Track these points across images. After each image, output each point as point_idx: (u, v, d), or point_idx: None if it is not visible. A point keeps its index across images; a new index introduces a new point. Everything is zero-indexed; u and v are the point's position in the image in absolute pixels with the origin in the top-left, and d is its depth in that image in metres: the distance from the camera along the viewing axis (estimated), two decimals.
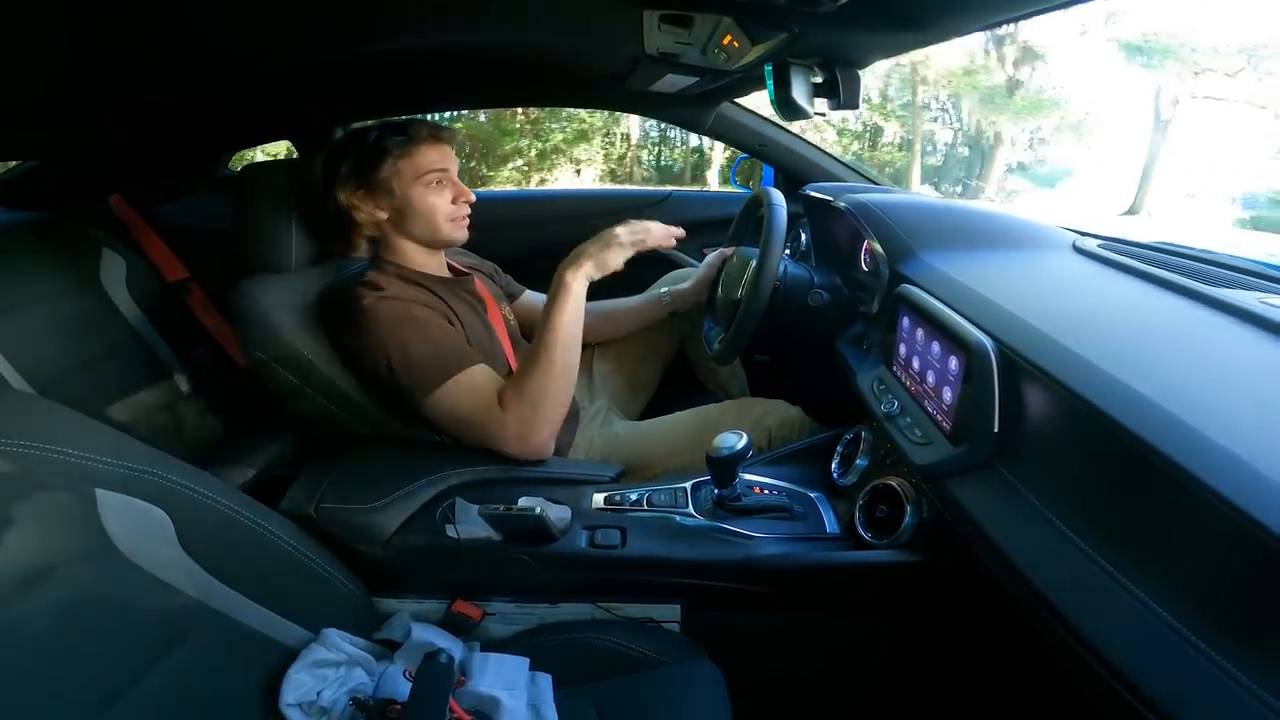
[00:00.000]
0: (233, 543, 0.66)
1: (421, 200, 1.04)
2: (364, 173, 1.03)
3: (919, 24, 0.74)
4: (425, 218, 1.05)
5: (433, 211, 1.05)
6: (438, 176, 1.05)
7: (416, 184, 1.04)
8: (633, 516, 0.92)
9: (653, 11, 0.77)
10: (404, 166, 1.03)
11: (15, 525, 0.51)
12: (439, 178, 1.05)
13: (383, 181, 1.03)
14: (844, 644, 0.93)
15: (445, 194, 1.06)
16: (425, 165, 1.04)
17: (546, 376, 0.96)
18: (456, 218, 1.08)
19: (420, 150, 1.04)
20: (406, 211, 1.05)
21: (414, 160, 1.03)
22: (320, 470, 0.93)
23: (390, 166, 1.03)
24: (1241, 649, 0.39)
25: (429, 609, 0.88)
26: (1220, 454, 0.42)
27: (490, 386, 0.97)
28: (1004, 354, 0.64)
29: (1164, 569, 0.45)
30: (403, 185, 1.03)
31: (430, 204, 1.05)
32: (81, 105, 0.92)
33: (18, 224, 1.25)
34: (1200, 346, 0.61)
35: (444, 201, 1.06)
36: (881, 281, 0.98)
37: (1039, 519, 0.56)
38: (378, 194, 1.04)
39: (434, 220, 1.06)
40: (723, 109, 1.48)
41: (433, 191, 1.05)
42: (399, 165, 1.03)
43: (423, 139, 1.04)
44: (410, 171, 1.03)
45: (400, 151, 1.03)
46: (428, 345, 0.96)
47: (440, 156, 1.05)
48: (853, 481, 0.96)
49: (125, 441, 0.62)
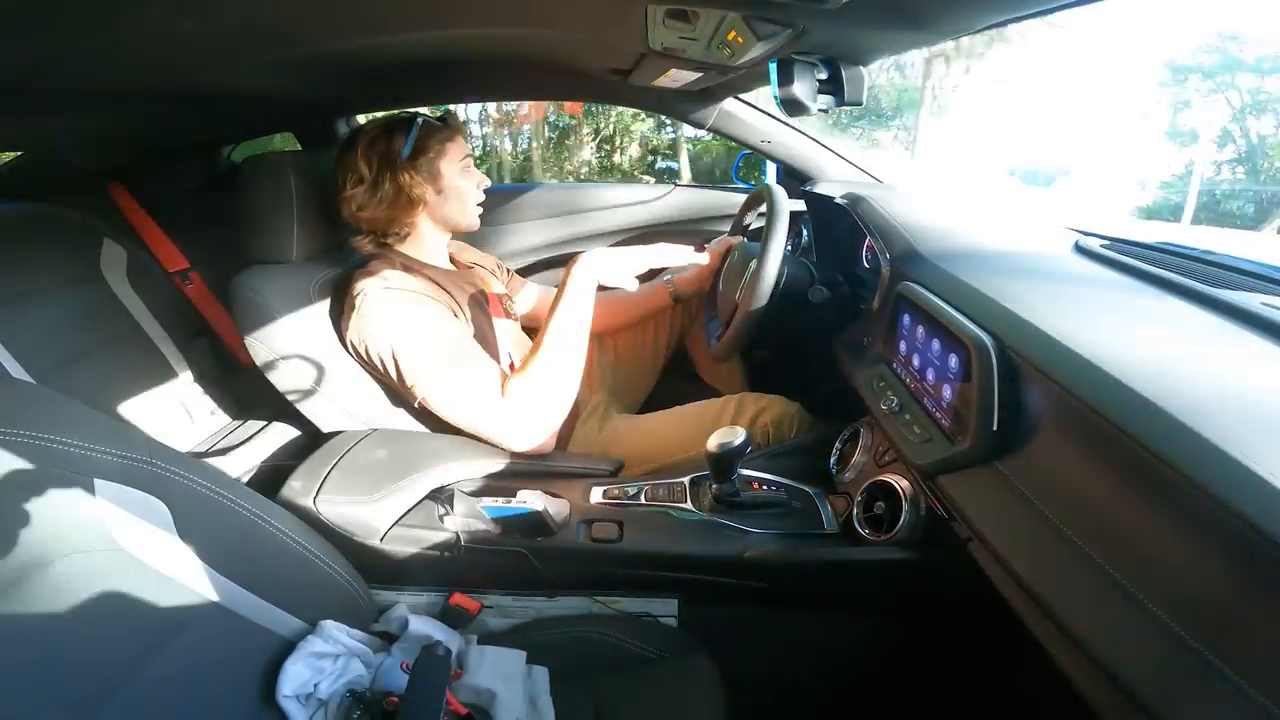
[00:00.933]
0: (231, 534, 0.67)
1: (461, 183, 1.12)
2: (418, 154, 1.08)
3: (924, 21, 0.74)
4: (461, 199, 1.13)
5: (467, 194, 1.13)
6: (469, 161, 1.14)
7: (456, 167, 1.11)
8: (631, 511, 0.92)
9: (657, 6, 0.76)
10: (449, 150, 1.10)
11: (13, 515, 0.51)
12: (470, 163, 1.14)
13: (432, 163, 1.09)
14: (840, 640, 0.93)
15: (474, 179, 1.14)
16: (460, 152, 1.12)
17: (548, 373, 0.97)
18: (480, 202, 1.16)
19: (456, 140, 1.12)
20: (448, 193, 1.11)
21: (456, 146, 1.12)
22: (319, 462, 0.93)
23: (438, 148, 1.09)
24: (1237, 651, 0.39)
25: (427, 601, 0.89)
26: (1219, 457, 0.42)
27: (492, 380, 0.97)
28: (1004, 353, 0.64)
29: (1160, 570, 0.45)
30: (448, 167, 1.10)
31: (467, 187, 1.13)
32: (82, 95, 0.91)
33: (18, 214, 1.25)
34: (1201, 348, 0.61)
35: (473, 186, 1.14)
36: (882, 279, 0.98)
37: (1036, 518, 0.56)
38: (427, 175, 1.10)
39: (467, 203, 1.14)
40: (726, 105, 1.48)
41: (469, 176, 1.13)
42: (446, 148, 1.10)
43: (457, 128, 1.14)
44: (455, 155, 1.11)
45: (445, 135, 1.10)
46: (430, 337, 0.96)
47: (465, 147, 1.14)
48: (851, 478, 0.96)
49: (125, 431, 0.62)
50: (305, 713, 0.64)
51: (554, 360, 0.99)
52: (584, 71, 1.27)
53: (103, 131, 1.22)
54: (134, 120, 1.17)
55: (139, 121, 1.19)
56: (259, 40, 0.83)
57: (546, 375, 0.98)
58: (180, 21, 0.68)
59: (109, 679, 0.53)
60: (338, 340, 1.02)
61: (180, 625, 0.59)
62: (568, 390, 1.01)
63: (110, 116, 1.11)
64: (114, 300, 1.27)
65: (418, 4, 0.81)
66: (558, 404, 1.00)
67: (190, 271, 1.44)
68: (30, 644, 0.50)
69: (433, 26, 0.90)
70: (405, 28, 0.88)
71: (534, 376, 0.97)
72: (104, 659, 0.54)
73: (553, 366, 0.98)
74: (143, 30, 0.70)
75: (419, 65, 1.13)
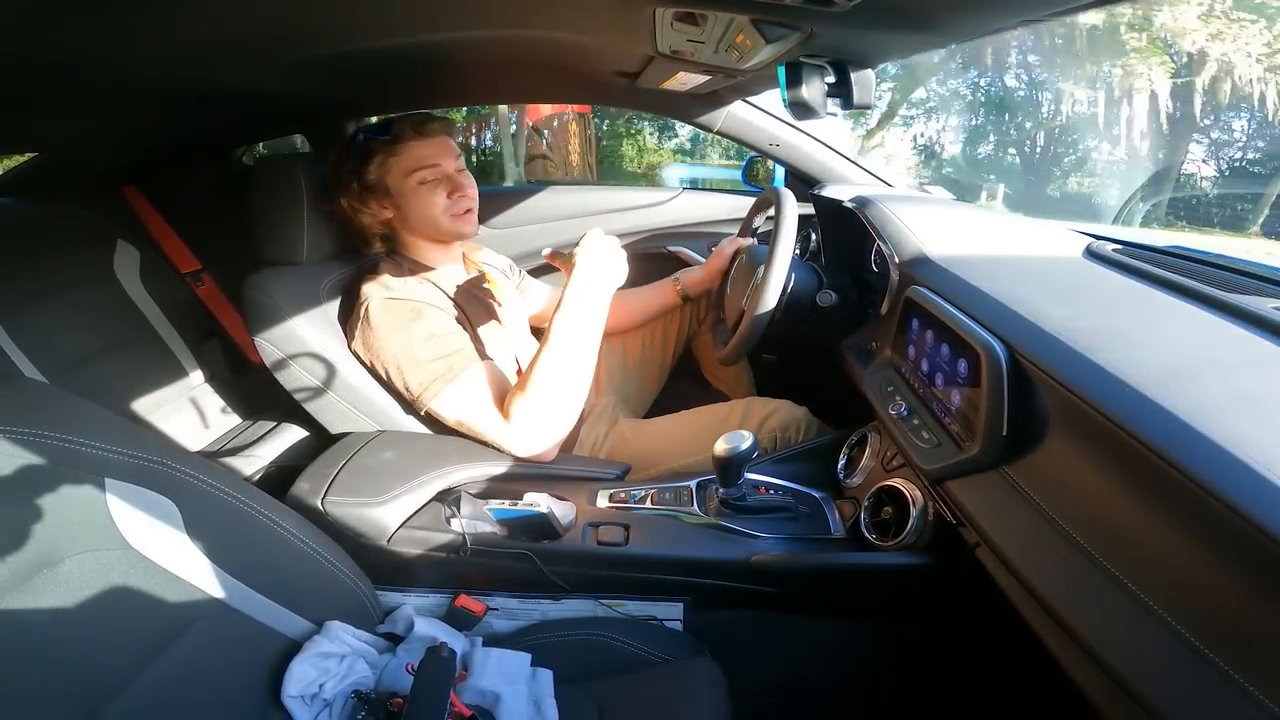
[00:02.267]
0: (240, 534, 0.67)
1: (416, 197, 1.04)
2: (359, 174, 1.03)
3: (935, 24, 0.74)
4: (423, 214, 1.05)
5: (429, 207, 1.04)
6: (429, 173, 1.03)
7: (409, 181, 1.03)
8: (637, 514, 0.92)
9: (665, 9, 0.76)
10: (392, 165, 1.02)
11: (25, 513, 0.51)
12: (430, 174, 1.03)
13: (377, 181, 1.03)
14: (846, 645, 0.92)
15: (439, 190, 1.04)
16: (414, 162, 1.03)
17: (547, 386, 0.94)
18: (456, 212, 1.06)
19: (407, 148, 1.03)
20: (406, 209, 1.05)
21: (401, 159, 1.02)
22: (327, 463, 0.94)
23: (379, 166, 1.02)
24: (1247, 658, 0.38)
25: (432, 603, 0.89)
26: (1233, 463, 0.41)
27: (495, 387, 0.97)
28: (1014, 358, 0.63)
29: (1171, 577, 0.44)
30: (396, 183, 1.03)
31: (425, 201, 1.04)
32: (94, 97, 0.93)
33: (32, 215, 1.26)
34: (1214, 353, 0.60)
35: (439, 197, 1.04)
36: (891, 283, 0.97)
37: (1045, 524, 0.56)
38: (378, 194, 1.04)
39: (432, 216, 1.05)
40: (734, 108, 1.48)
41: (426, 188, 1.04)
42: (388, 164, 1.02)
43: (407, 136, 1.03)
44: (399, 170, 1.03)
45: (387, 151, 1.02)
46: (432, 346, 0.96)
47: (431, 152, 1.04)
48: (858, 483, 0.95)
49: (136, 431, 0.63)
50: (310, 713, 0.64)
51: (553, 372, 0.94)
52: (593, 74, 1.27)
53: (117, 134, 1.24)
54: (147, 123, 1.18)
55: (152, 124, 1.20)
56: (271, 43, 0.84)
57: (546, 388, 0.94)
58: (195, 25, 0.69)
59: (116, 676, 0.53)
60: (347, 343, 1.03)
61: (188, 624, 0.59)
62: (571, 400, 0.96)
63: (124, 119, 1.12)
64: (127, 301, 1.29)
65: (427, 7, 0.81)
66: (560, 415, 0.96)
67: (202, 273, 1.45)
68: (40, 640, 0.50)
69: (442, 29, 0.91)
70: (414, 30, 0.89)
71: (534, 387, 0.94)
72: (112, 656, 0.54)
73: (551, 379, 0.94)
74: (157, 33, 0.71)
75: (428, 68, 1.13)
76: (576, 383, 0.96)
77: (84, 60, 0.75)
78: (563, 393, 0.95)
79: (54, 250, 1.20)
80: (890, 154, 8.29)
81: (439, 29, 0.90)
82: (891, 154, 8.30)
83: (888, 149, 8.25)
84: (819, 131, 1.53)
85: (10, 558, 0.50)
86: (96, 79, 0.84)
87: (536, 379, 0.94)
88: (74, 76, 0.79)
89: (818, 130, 1.53)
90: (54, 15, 0.58)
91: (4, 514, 0.51)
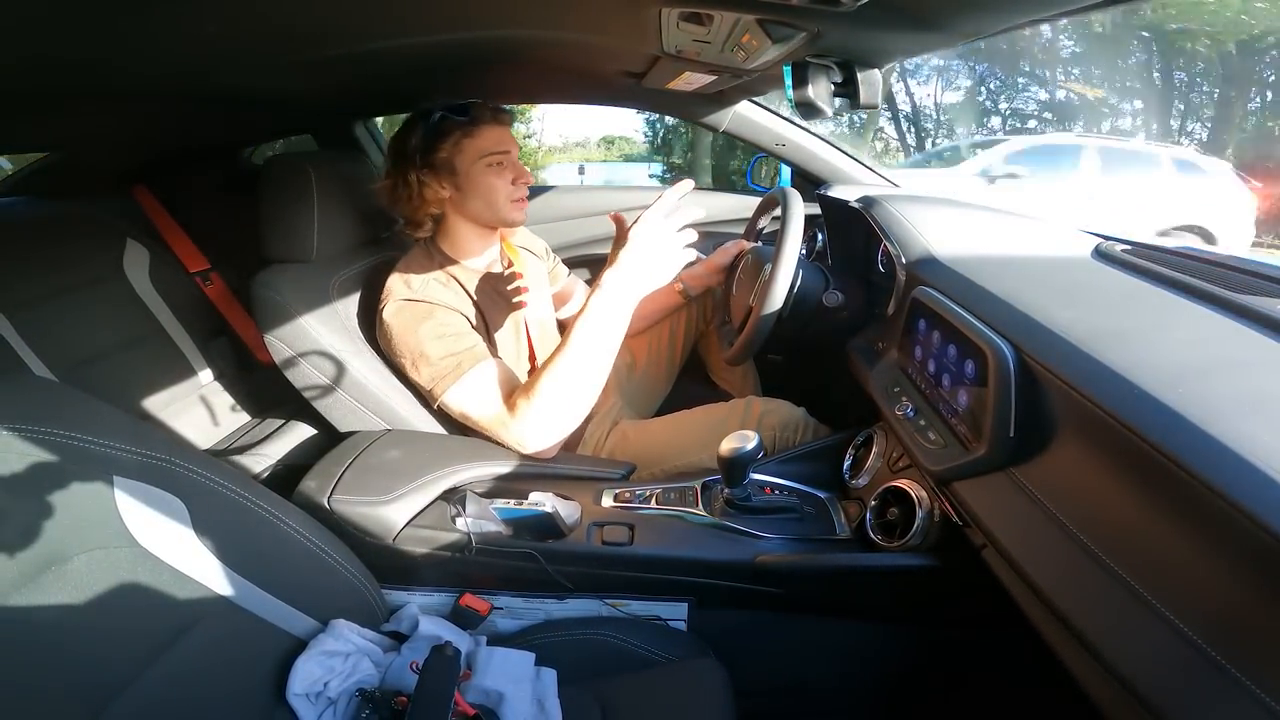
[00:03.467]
0: (247, 532, 0.67)
1: (483, 179, 1.06)
2: (429, 151, 1.05)
3: (941, 24, 0.73)
4: (486, 197, 1.07)
5: (493, 191, 1.07)
6: (499, 158, 1.06)
7: (479, 163, 1.06)
8: (642, 514, 0.92)
9: (671, 9, 0.76)
10: (467, 145, 1.05)
11: (34, 510, 0.52)
12: (500, 159, 1.07)
13: (446, 160, 1.05)
14: (850, 646, 0.92)
15: (505, 175, 1.07)
16: (487, 146, 1.05)
17: (564, 385, 0.94)
18: (516, 199, 1.09)
19: (482, 131, 1.05)
20: (469, 191, 1.07)
21: (476, 140, 1.05)
22: (334, 461, 0.94)
23: (453, 145, 1.05)
24: (1254, 660, 0.38)
25: (437, 602, 0.89)
26: (1241, 465, 0.41)
27: (502, 385, 0.98)
28: (1022, 359, 0.63)
29: (1179, 579, 0.44)
30: (465, 164, 1.05)
31: (491, 183, 1.07)
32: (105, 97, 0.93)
33: (43, 214, 1.27)
34: (1224, 354, 0.60)
35: (504, 182, 1.07)
36: (898, 283, 0.97)
37: (1052, 525, 0.55)
38: (442, 173, 1.06)
39: (494, 200, 1.07)
40: (740, 108, 1.48)
41: (494, 172, 1.06)
42: (462, 144, 1.05)
43: (485, 120, 1.06)
44: (473, 151, 1.05)
45: (463, 131, 1.05)
46: (442, 344, 0.98)
47: (501, 138, 1.07)
48: (864, 484, 0.95)
49: (145, 429, 0.63)
50: (314, 711, 0.65)
51: (566, 377, 0.93)
52: (599, 74, 1.27)
53: (127, 133, 1.25)
54: (159, 123, 1.19)
55: (163, 124, 1.21)
56: (281, 43, 0.85)
57: (556, 390, 0.93)
58: (204, 25, 0.70)
59: (123, 672, 0.54)
60: (356, 339, 1.03)
61: (194, 621, 0.60)
62: (579, 404, 0.96)
63: (138, 120, 1.13)
64: (136, 300, 1.29)
65: (434, 8, 0.81)
66: (566, 417, 0.96)
67: (211, 272, 1.46)
68: (48, 636, 0.51)
69: (449, 30, 0.91)
70: (421, 31, 0.89)
71: (543, 391, 0.93)
72: (119, 653, 0.55)
73: (564, 383, 0.93)
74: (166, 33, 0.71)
75: (435, 68, 1.14)
76: (588, 388, 0.96)
77: (99, 61, 0.75)
78: (572, 397, 0.95)
79: (64, 249, 1.21)
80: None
81: (446, 30, 0.90)
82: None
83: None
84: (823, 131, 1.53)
85: (20, 555, 0.50)
86: (113, 80, 0.84)
87: (549, 380, 0.93)
88: (92, 77, 0.80)
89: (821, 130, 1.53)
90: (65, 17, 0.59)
91: (14, 511, 0.51)
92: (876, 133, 9.83)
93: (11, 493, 0.51)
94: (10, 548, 0.50)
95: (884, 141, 10.39)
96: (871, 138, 9.37)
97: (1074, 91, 10.45)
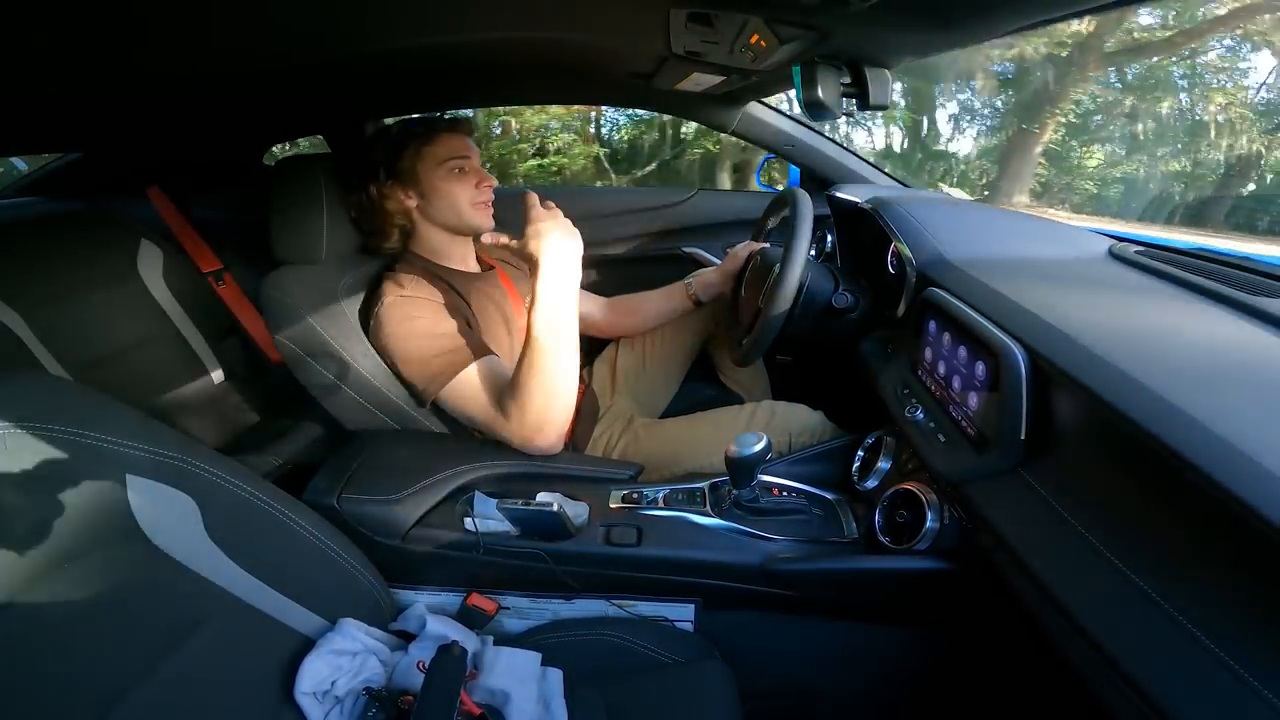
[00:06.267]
0: (256, 530, 0.68)
1: (444, 185, 1.09)
2: (391, 162, 1.08)
3: (951, 24, 0.73)
4: (449, 202, 1.10)
5: (455, 196, 1.10)
6: (459, 164, 1.10)
7: (439, 170, 1.09)
8: (650, 515, 0.92)
9: (680, 10, 0.76)
10: (426, 153, 1.08)
11: (47, 507, 0.52)
12: (460, 165, 1.10)
13: (409, 170, 1.08)
14: (858, 649, 0.91)
15: (468, 180, 1.11)
16: (446, 152, 1.09)
17: (538, 376, 0.93)
18: (478, 202, 1.12)
19: (440, 139, 1.09)
20: (432, 197, 1.10)
21: (435, 148, 1.09)
22: (343, 461, 0.95)
23: (413, 154, 1.08)
24: (1266, 665, 0.38)
25: (445, 601, 0.89)
26: (1256, 470, 0.40)
27: (497, 383, 0.97)
28: (1034, 361, 0.62)
29: (1193, 582, 0.44)
30: (427, 171, 1.08)
31: (453, 189, 1.10)
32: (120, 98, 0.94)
33: (59, 214, 1.29)
34: (1238, 356, 0.59)
35: (466, 187, 1.10)
36: (908, 285, 0.96)
37: (1064, 528, 0.55)
38: (405, 182, 1.09)
39: (457, 204, 1.10)
40: (749, 108, 1.47)
41: (455, 178, 1.10)
42: (422, 152, 1.08)
43: (442, 128, 1.10)
44: (431, 158, 1.08)
45: (422, 139, 1.08)
46: (436, 342, 0.98)
47: (460, 145, 1.10)
48: (873, 486, 0.94)
49: (157, 428, 0.64)
50: (321, 710, 0.65)
51: (538, 368, 0.92)
52: (608, 75, 1.27)
53: (140, 135, 1.26)
54: (171, 123, 1.20)
55: (176, 124, 1.22)
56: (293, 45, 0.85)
57: (534, 384, 0.92)
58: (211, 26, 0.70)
59: (133, 670, 0.54)
60: (365, 340, 1.04)
61: (203, 619, 0.60)
62: (561, 389, 0.94)
63: (148, 120, 1.14)
64: (149, 300, 1.31)
65: (446, 9, 0.82)
66: (554, 406, 0.94)
67: (223, 272, 1.47)
68: (60, 633, 0.51)
69: (460, 31, 0.91)
70: (433, 32, 0.90)
71: (522, 387, 0.93)
72: (129, 650, 0.55)
73: (537, 374, 0.92)
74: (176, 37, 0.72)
75: (444, 69, 1.14)
76: (563, 372, 0.94)
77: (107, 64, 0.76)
78: (551, 385, 0.93)
79: (79, 249, 1.23)
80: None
81: (457, 31, 0.91)
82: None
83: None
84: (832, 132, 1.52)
85: (32, 552, 0.51)
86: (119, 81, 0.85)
87: (525, 373, 0.93)
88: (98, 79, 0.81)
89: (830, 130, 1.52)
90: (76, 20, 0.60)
91: (26, 508, 0.52)
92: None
93: (25, 490, 0.52)
94: (23, 545, 0.51)
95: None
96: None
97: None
